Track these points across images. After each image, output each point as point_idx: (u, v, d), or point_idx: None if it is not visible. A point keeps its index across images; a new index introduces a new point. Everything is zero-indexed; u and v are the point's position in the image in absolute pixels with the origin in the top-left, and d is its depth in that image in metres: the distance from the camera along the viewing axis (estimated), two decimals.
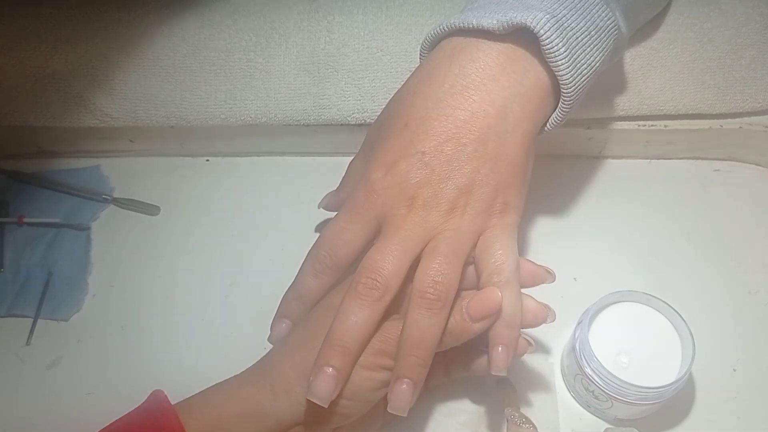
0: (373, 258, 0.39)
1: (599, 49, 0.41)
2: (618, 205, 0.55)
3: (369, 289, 0.38)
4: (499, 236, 0.40)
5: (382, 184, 0.40)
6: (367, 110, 0.54)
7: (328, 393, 0.37)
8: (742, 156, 0.57)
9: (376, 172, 0.40)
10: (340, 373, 0.37)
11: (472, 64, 0.40)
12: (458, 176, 0.39)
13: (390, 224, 0.39)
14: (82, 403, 0.47)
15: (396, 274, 0.38)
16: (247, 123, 0.55)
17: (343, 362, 0.37)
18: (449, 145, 0.39)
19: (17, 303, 0.52)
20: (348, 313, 0.38)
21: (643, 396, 0.41)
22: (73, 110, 0.56)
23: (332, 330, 0.38)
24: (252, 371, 0.41)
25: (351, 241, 0.41)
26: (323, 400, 0.37)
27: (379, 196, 0.40)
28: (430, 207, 0.39)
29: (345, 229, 0.41)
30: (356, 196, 0.41)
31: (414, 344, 0.37)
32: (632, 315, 0.45)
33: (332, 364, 0.37)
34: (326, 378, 0.37)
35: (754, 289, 0.51)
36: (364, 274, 0.38)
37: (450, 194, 0.39)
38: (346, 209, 0.41)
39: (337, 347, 0.37)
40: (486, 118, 0.39)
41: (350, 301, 0.38)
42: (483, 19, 0.39)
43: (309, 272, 0.42)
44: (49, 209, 0.56)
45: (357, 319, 0.37)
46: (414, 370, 0.38)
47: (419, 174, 0.39)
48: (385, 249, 0.39)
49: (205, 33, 0.55)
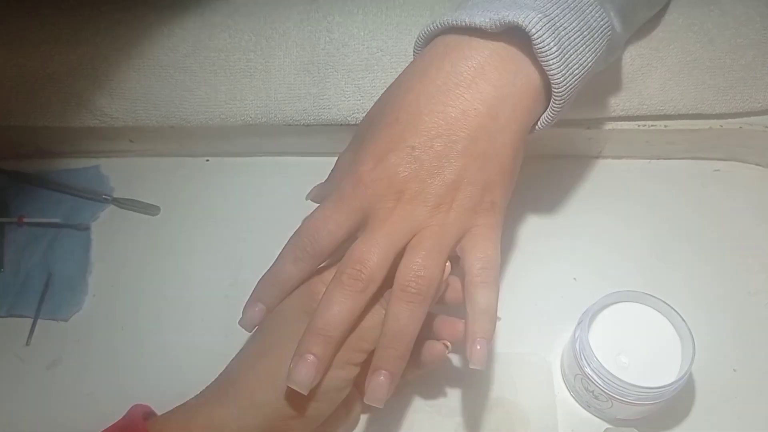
0: (359, 249, 0.39)
1: (592, 49, 0.41)
2: (618, 205, 0.55)
3: (353, 280, 0.38)
4: (487, 235, 0.40)
5: (371, 176, 0.40)
6: (366, 110, 0.54)
7: (308, 379, 0.37)
8: (742, 156, 0.57)
9: (364, 164, 0.40)
10: (321, 361, 0.37)
11: (464, 62, 0.40)
12: (447, 172, 0.39)
13: (376, 217, 0.39)
14: (82, 403, 0.47)
15: (381, 266, 0.38)
16: (247, 123, 0.55)
17: (325, 350, 0.37)
18: (439, 142, 0.39)
19: (17, 303, 0.52)
20: (332, 302, 0.38)
21: (643, 396, 0.41)
22: (73, 110, 0.56)
23: (315, 318, 0.38)
24: (211, 389, 0.40)
25: (334, 230, 0.40)
26: (303, 386, 0.37)
27: (367, 188, 0.40)
28: (418, 201, 0.39)
29: (329, 218, 0.41)
30: (343, 186, 0.41)
31: (393, 337, 0.38)
32: (632, 315, 0.45)
33: (313, 351, 0.37)
34: (307, 365, 0.37)
35: (754, 289, 0.51)
36: (350, 265, 0.38)
37: (438, 190, 0.39)
38: (333, 199, 0.41)
39: (319, 335, 0.37)
40: (477, 116, 0.39)
41: (334, 291, 0.38)
42: (476, 17, 0.39)
43: (288, 258, 0.42)
44: (49, 209, 0.56)
45: (340, 309, 0.38)
46: (392, 362, 0.38)
47: (408, 168, 0.39)
48: (371, 241, 0.39)
49: (205, 33, 0.55)
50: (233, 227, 0.55)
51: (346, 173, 0.41)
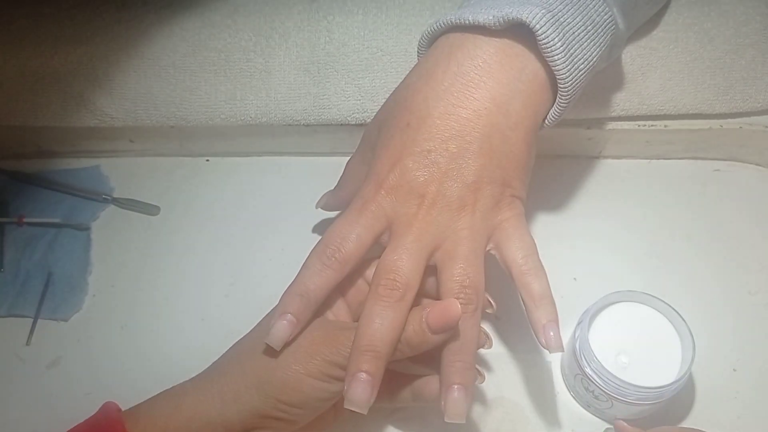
0: (389, 258, 0.38)
1: (596, 44, 0.41)
2: (618, 205, 0.55)
3: (390, 290, 0.37)
4: (517, 225, 0.40)
5: (390, 182, 0.39)
6: (367, 110, 0.54)
7: (365, 399, 0.36)
8: (742, 156, 0.57)
9: (381, 171, 0.40)
10: (374, 377, 0.36)
11: (470, 61, 0.40)
12: (466, 173, 0.39)
13: (401, 223, 0.39)
14: (82, 403, 0.47)
15: (414, 271, 0.38)
16: (247, 123, 0.55)
17: (376, 366, 0.36)
18: (454, 143, 0.39)
19: (17, 303, 0.52)
20: (372, 316, 0.37)
21: (643, 396, 0.41)
22: (73, 110, 0.56)
23: (359, 335, 0.37)
24: (200, 378, 0.40)
25: (362, 235, 0.39)
26: (362, 406, 0.36)
27: (388, 194, 0.39)
28: (441, 205, 0.39)
29: (355, 224, 0.40)
30: (365, 193, 0.40)
31: (459, 350, 0.38)
32: (632, 315, 0.45)
33: (365, 369, 0.36)
34: (362, 384, 0.36)
35: (754, 289, 0.51)
36: (383, 275, 0.38)
37: (459, 192, 0.39)
38: (355, 207, 0.40)
39: (367, 353, 0.36)
40: (489, 115, 0.39)
41: (373, 305, 0.37)
42: (479, 15, 0.39)
43: (315, 267, 0.40)
44: (49, 209, 0.56)
45: (383, 322, 0.37)
46: (466, 375, 0.38)
47: (426, 172, 0.39)
48: (400, 248, 0.38)
49: (205, 33, 0.55)
50: (233, 227, 0.55)
51: (365, 180, 0.41)
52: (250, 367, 0.39)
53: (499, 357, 0.48)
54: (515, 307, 0.49)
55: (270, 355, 0.38)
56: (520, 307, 0.50)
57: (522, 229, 0.41)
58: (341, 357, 0.37)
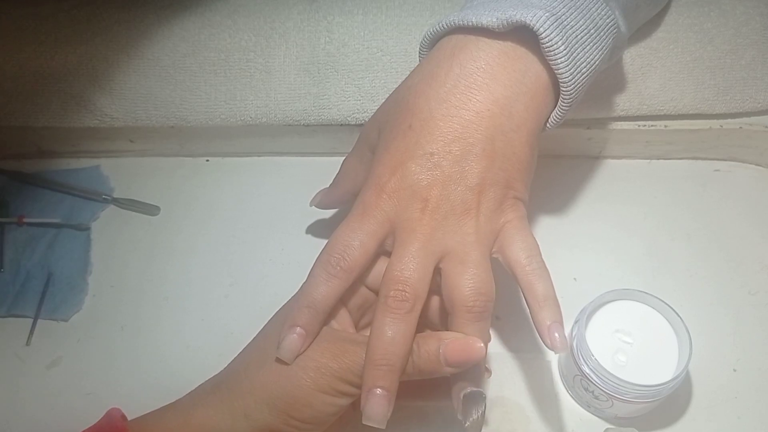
0: (396, 268, 0.38)
1: (599, 47, 0.41)
2: (618, 205, 0.55)
3: (399, 301, 0.37)
4: (519, 226, 0.40)
5: (392, 186, 0.39)
6: (367, 110, 0.54)
7: (383, 414, 0.36)
8: (742, 156, 0.57)
9: (383, 174, 0.39)
10: (390, 391, 0.36)
11: (473, 63, 0.40)
12: (469, 176, 0.39)
13: (405, 228, 0.39)
14: (82, 403, 0.47)
15: (422, 280, 0.38)
16: (247, 123, 0.55)
17: (391, 380, 0.36)
18: (456, 145, 0.39)
19: (17, 303, 0.52)
20: (384, 329, 0.37)
21: (641, 394, 0.42)
22: (73, 110, 0.56)
23: (371, 349, 0.37)
24: (208, 392, 0.40)
25: (366, 241, 0.39)
26: (380, 422, 0.36)
27: (390, 198, 0.39)
28: (445, 210, 0.39)
29: (358, 230, 0.39)
30: (366, 198, 0.40)
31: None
32: (628, 313, 0.45)
33: (380, 384, 0.36)
34: (379, 399, 0.36)
35: (754, 289, 0.51)
36: (391, 286, 0.37)
37: (463, 195, 0.39)
38: (357, 212, 0.40)
39: (381, 367, 0.36)
40: (491, 117, 0.39)
41: (383, 317, 0.37)
42: (482, 17, 0.39)
43: (321, 277, 0.39)
44: (49, 209, 0.56)
45: (395, 335, 0.36)
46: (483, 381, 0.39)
47: (429, 175, 0.39)
48: (406, 256, 0.38)
49: (205, 33, 0.55)
50: (233, 227, 0.56)
51: (365, 185, 0.40)
52: (259, 382, 0.38)
53: (499, 357, 0.48)
54: (515, 307, 0.49)
55: (279, 369, 0.38)
56: (520, 307, 0.50)
57: (525, 231, 0.40)
58: (351, 373, 0.37)
